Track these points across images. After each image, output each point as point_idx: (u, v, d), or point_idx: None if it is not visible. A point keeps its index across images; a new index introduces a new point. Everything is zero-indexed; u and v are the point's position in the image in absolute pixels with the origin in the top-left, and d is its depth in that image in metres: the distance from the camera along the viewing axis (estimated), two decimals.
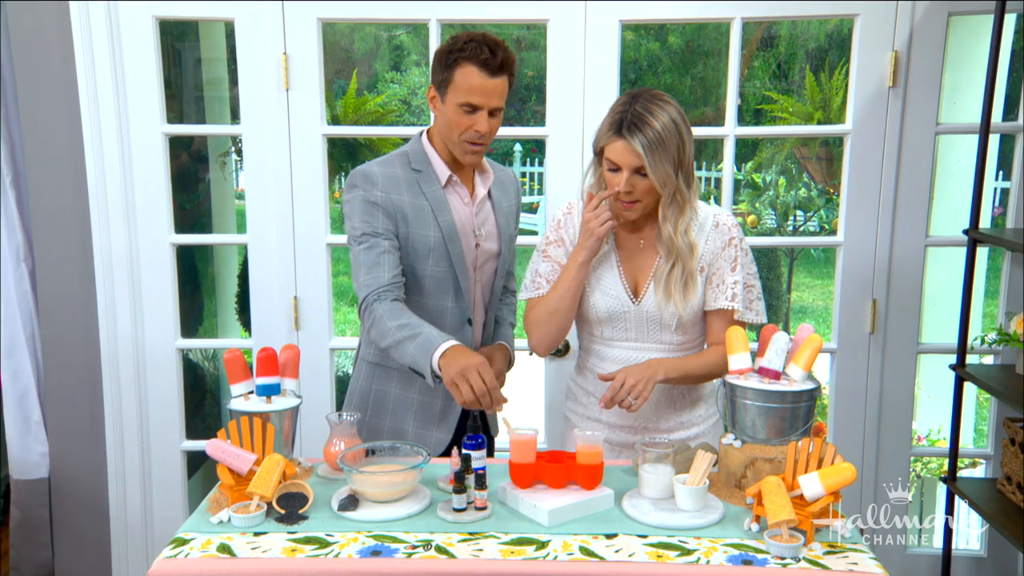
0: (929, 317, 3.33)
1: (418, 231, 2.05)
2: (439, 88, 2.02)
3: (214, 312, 3.92)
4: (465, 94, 1.96)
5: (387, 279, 1.98)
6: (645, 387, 1.93)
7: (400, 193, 2.04)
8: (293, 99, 2.69)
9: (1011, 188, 2.75)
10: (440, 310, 2.10)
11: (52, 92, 2.67)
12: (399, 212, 2.03)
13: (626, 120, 1.89)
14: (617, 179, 1.93)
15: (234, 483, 1.74)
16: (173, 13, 2.72)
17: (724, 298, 2.02)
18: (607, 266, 2.06)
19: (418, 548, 1.59)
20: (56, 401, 2.84)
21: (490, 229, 2.17)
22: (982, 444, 3.69)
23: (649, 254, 2.05)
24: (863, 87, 2.65)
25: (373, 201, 2.03)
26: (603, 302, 2.04)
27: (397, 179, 2.06)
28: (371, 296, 1.97)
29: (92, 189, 2.70)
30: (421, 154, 2.10)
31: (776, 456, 1.77)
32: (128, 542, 2.90)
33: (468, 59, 1.95)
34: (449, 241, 2.05)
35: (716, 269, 2.03)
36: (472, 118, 1.98)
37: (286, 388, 1.93)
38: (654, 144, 1.87)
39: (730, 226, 2.04)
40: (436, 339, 1.88)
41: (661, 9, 2.67)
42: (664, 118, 1.89)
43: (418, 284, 2.08)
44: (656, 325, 2.03)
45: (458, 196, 2.11)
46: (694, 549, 1.59)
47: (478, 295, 2.17)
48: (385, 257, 2.00)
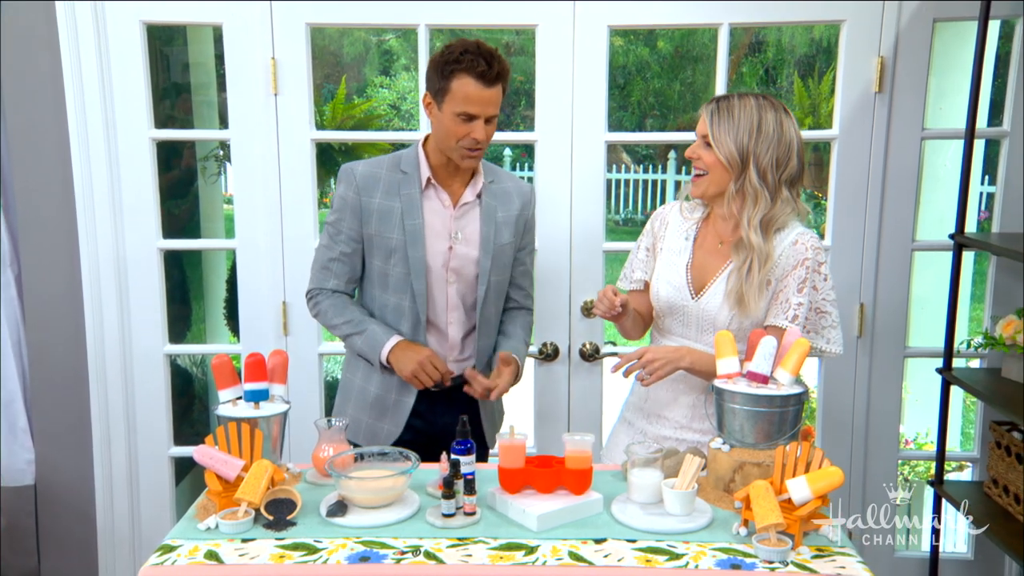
0: (916, 321, 3.35)
1: (382, 232, 2.15)
2: (435, 96, 2.09)
3: (202, 317, 3.90)
4: (462, 104, 2.03)
5: (331, 286, 2.22)
6: (664, 367, 1.96)
7: (373, 194, 2.16)
8: (282, 104, 2.68)
9: (996, 192, 2.77)
10: (398, 308, 2.20)
11: (38, 96, 2.65)
12: (366, 213, 2.16)
13: (716, 98, 2.02)
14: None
15: (222, 489, 1.73)
16: (161, 17, 2.71)
17: (784, 317, 1.99)
18: (679, 258, 2.09)
19: (407, 554, 1.59)
20: (42, 408, 2.82)
21: (471, 235, 2.19)
22: (969, 447, 3.71)
23: (723, 256, 2.06)
24: (849, 92, 2.66)
25: (345, 199, 2.18)
26: (664, 291, 2.08)
27: (377, 179, 2.17)
28: (315, 290, 2.24)
29: (79, 194, 2.69)
30: (412, 157, 2.19)
31: (764, 460, 1.78)
32: (115, 549, 2.88)
33: (465, 70, 2.02)
34: (411, 245, 2.14)
35: (783, 286, 2.00)
36: (469, 126, 2.06)
37: (274, 394, 1.92)
38: (723, 115, 1.97)
39: (808, 247, 2.00)
40: (381, 336, 2.16)
41: (649, 15, 2.68)
42: (750, 104, 1.98)
43: (382, 280, 2.20)
44: (711, 326, 2.04)
45: (438, 200, 2.18)
46: (683, 553, 1.59)
47: (452, 297, 2.21)
48: (335, 265, 2.21)
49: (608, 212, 3.40)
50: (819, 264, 2.02)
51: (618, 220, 11.30)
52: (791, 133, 1.98)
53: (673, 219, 2.16)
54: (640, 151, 11.91)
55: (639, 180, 11.57)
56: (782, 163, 1.98)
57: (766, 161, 1.96)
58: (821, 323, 2.06)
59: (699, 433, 2.08)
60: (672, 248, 2.12)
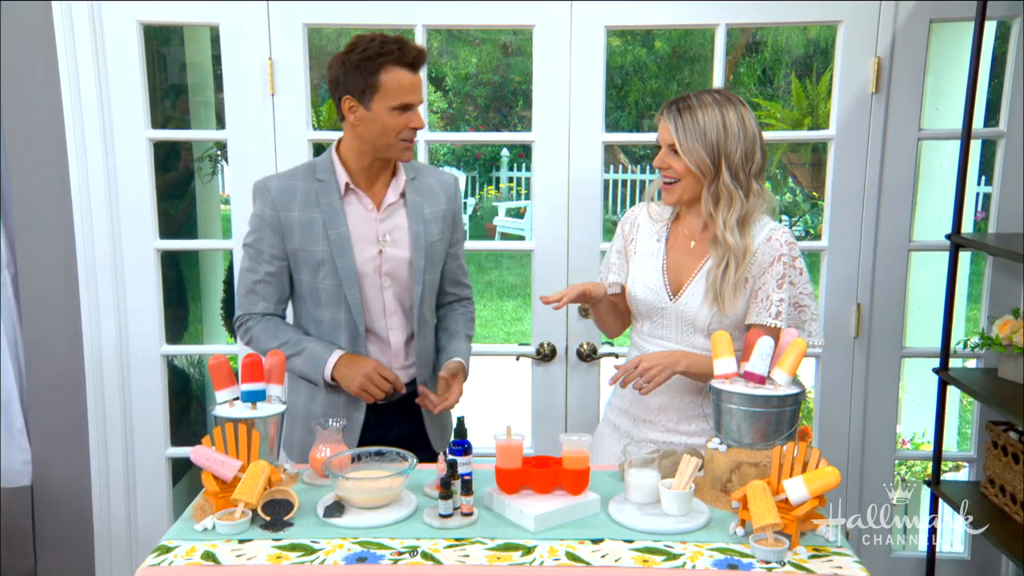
0: (913, 321, 3.35)
1: (306, 246, 2.07)
2: (360, 97, 2.00)
3: (199, 318, 3.90)
4: (398, 96, 1.99)
5: (259, 309, 2.12)
6: (660, 373, 1.95)
7: (291, 208, 2.07)
8: (279, 104, 2.68)
9: (993, 193, 2.77)
10: (334, 322, 2.12)
11: (35, 96, 2.65)
12: (287, 229, 2.07)
13: (675, 102, 1.99)
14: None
15: (219, 490, 1.73)
16: (158, 17, 2.71)
17: (768, 315, 2.00)
18: (654, 260, 2.09)
19: (404, 554, 1.59)
20: (39, 408, 2.82)
21: (400, 236, 2.13)
22: (965, 447, 3.71)
23: (697, 255, 2.06)
24: (846, 93, 2.67)
25: (262, 216, 2.09)
26: (642, 293, 2.07)
27: (293, 191, 2.08)
28: (244, 316, 2.13)
29: (75, 194, 2.68)
30: (328, 164, 2.12)
31: (761, 460, 1.78)
32: (112, 550, 2.88)
33: (395, 62, 1.98)
34: (338, 255, 2.06)
35: (762, 284, 2.01)
36: (407, 116, 2.01)
37: (271, 394, 1.92)
38: (688, 123, 1.95)
39: (782, 242, 2.01)
40: (322, 353, 2.07)
41: (646, 15, 2.68)
42: (708, 102, 1.96)
43: (313, 296, 2.12)
44: (691, 327, 2.04)
45: (360, 205, 2.11)
46: (680, 554, 1.60)
47: (388, 303, 2.14)
48: (261, 287, 2.11)
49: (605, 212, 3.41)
50: (794, 259, 2.02)
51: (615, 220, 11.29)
52: (752, 126, 1.98)
53: (643, 221, 2.15)
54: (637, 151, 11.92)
55: (636, 180, 11.58)
56: (750, 158, 1.98)
57: (736, 160, 1.96)
58: (801, 317, 2.06)
59: (686, 436, 2.09)
60: (645, 251, 2.11)
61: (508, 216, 11.07)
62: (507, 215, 11.10)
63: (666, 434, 2.10)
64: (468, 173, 12.23)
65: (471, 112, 11.91)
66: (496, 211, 11.31)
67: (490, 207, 11.67)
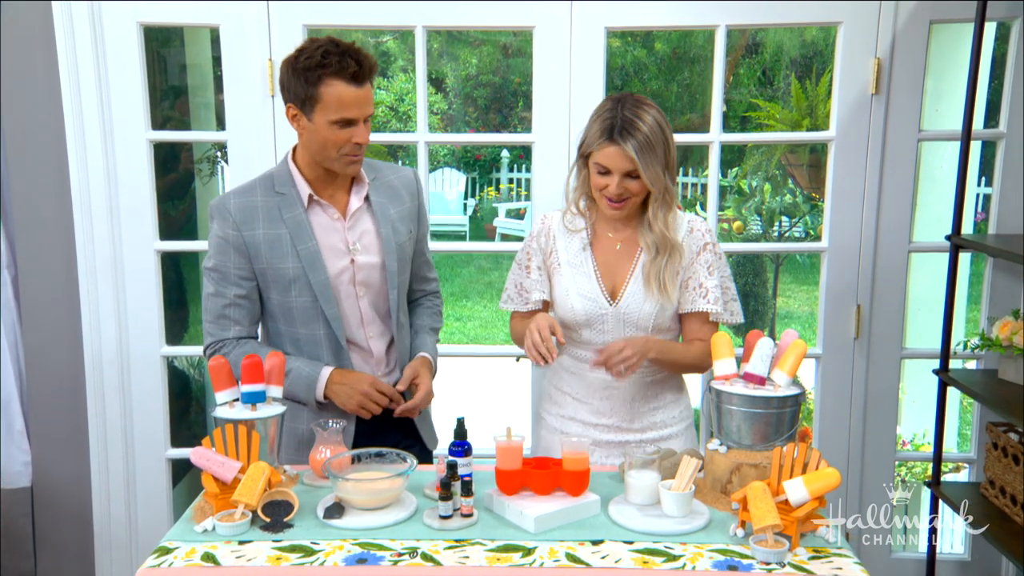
0: (913, 322, 3.35)
1: (275, 264, 1.98)
2: (302, 106, 1.90)
3: (199, 319, 3.89)
4: (338, 110, 1.87)
5: (232, 334, 2.02)
6: (637, 361, 1.95)
7: (254, 226, 1.97)
8: (279, 105, 2.66)
9: (993, 194, 2.77)
10: (313, 339, 2.04)
11: (35, 97, 2.65)
12: (252, 248, 1.97)
13: (616, 126, 1.94)
14: (605, 181, 1.98)
15: (219, 491, 1.73)
16: (158, 19, 2.71)
17: (704, 301, 2.06)
18: (584, 269, 2.08)
19: (404, 556, 1.59)
20: (39, 410, 2.82)
21: (369, 241, 2.05)
22: (966, 448, 3.71)
23: (626, 257, 2.08)
24: (846, 94, 2.67)
25: (224, 238, 1.98)
26: (581, 304, 2.06)
27: (254, 208, 1.99)
28: (216, 343, 2.03)
29: (76, 195, 2.68)
30: (286, 175, 2.02)
31: (761, 461, 1.78)
32: (112, 551, 2.88)
33: (334, 74, 1.85)
34: (310, 270, 1.97)
35: (692, 273, 2.07)
36: (349, 131, 1.90)
37: (271, 395, 1.92)
38: (645, 148, 1.93)
39: (703, 231, 2.09)
40: (310, 372, 2.00)
41: (646, 16, 2.68)
42: (650, 121, 1.95)
43: (287, 314, 2.03)
44: (633, 327, 2.06)
45: (326, 215, 2.02)
46: (680, 555, 1.60)
47: (365, 312, 2.07)
48: (231, 311, 2.02)
49: None
50: (715, 245, 2.10)
51: None
52: (668, 129, 2.00)
53: (558, 232, 2.13)
54: None
55: None
56: (675, 159, 2.04)
57: (671, 166, 2.01)
58: (724, 298, 2.11)
59: (639, 432, 2.10)
60: (571, 261, 2.10)
61: (508, 217, 11.08)
62: (507, 216, 11.11)
63: (619, 434, 2.10)
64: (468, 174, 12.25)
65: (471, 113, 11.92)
66: (496, 212, 11.33)
67: (490, 208, 11.69)
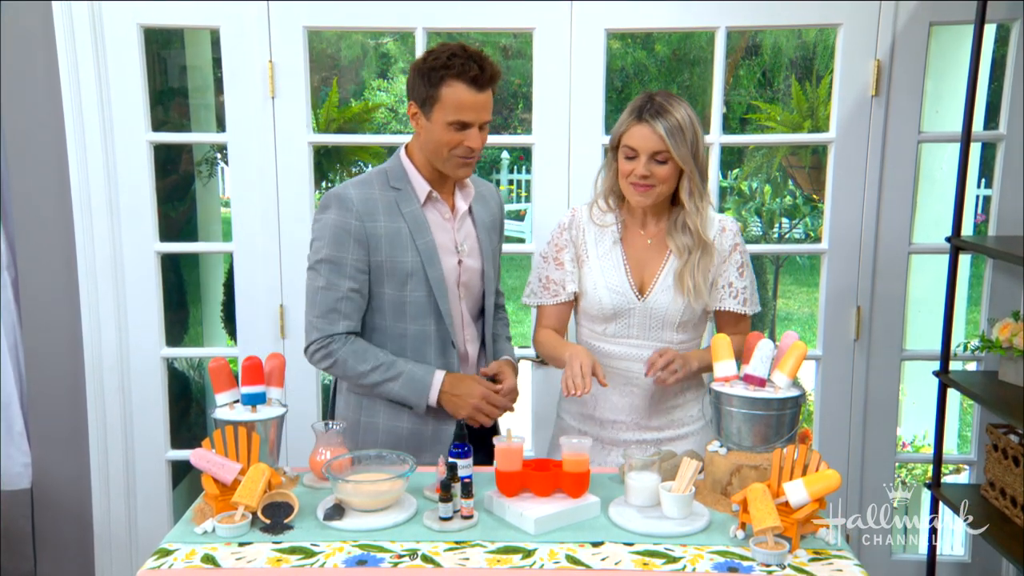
0: (913, 324, 3.35)
1: (395, 257, 1.99)
2: (423, 105, 1.95)
3: (199, 321, 3.90)
4: (455, 112, 1.91)
5: (342, 329, 1.98)
6: (681, 371, 1.98)
7: (376, 218, 1.98)
8: (279, 107, 2.68)
9: (992, 195, 2.78)
10: (422, 335, 2.04)
11: (35, 98, 2.65)
12: (374, 239, 1.97)
13: (647, 108, 1.97)
14: (632, 166, 1.99)
15: (219, 493, 1.73)
16: (158, 20, 2.71)
17: (735, 302, 2.10)
18: (614, 263, 2.09)
19: (404, 557, 1.59)
20: (39, 411, 2.82)
21: (472, 245, 2.10)
22: (966, 450, 3.71)
23: (656, 253, 2.09)
24: (846, 96, 2.67)
25: (346, 229, 1.96)
26: (609, 298, 2.07)
27: (374, 201, 1.99)
28: (323, 339, 1.98)
29: (76, 197, 2.68)
30: (400, 171, 2.03)
31: (761, 463, 1.78)
32: (112, 553, 2.88)
33: (456, 76, 1.89)
34: (428, 264, 1.99)
35: (723, 271, 2.09)
36: (463, 134, 1.93)
37: (271, 397, 1.92)
38: (674, 128, 1.96)
39: (735, 231, 2.12)
40: (423, 376, 1.99)
41: (646, 18, 2.68)
42: (682, 112, 1.99)
43: (399, 309, 2.03)
44: (659, 323, 2.06)
45: (438, 213, 2.05)
46: (680, 557, 1.59)
47: (464, 314, 2.11)
48: (344, 304, 1.98)
49: None
50: (744, 244, 2.13)
51: None
52: (700, 126, 2.02)
53: (587, 225, 2.14)
54: None
55: None
56: (706, 153, 2.07)
57: (701, 162, 2.02)
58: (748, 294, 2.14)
59: (656, 431, 2.11)
60: (602, 254, 2.11)
61: (508, 219, 11.07)
62: (507, 217, 11.11)
63: (638, 432, 2.11)
64: None
65: None
66: None
67: None
